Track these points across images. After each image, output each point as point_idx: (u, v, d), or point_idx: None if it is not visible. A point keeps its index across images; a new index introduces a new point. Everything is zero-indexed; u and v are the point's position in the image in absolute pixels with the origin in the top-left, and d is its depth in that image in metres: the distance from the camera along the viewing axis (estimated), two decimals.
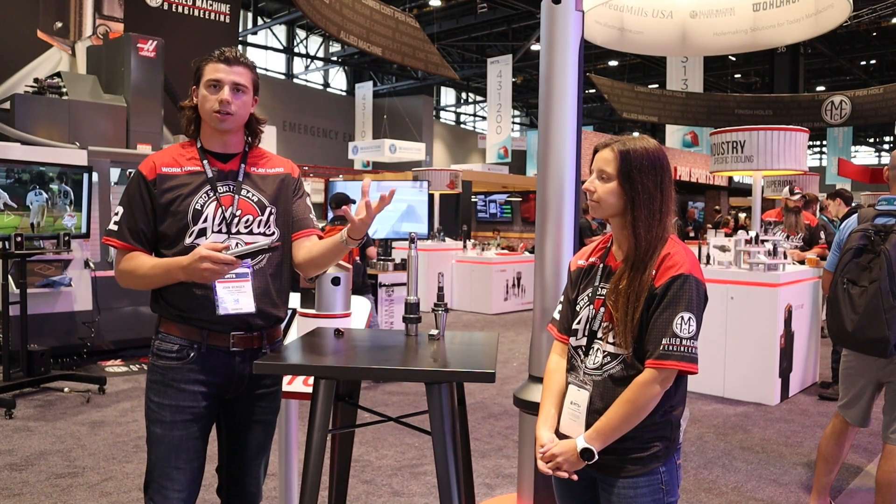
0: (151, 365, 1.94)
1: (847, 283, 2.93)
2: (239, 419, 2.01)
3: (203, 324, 1.89)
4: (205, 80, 1.90)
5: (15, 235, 5.02)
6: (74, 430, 4.32)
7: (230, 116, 1.90)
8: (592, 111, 30.66)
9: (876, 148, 39.35)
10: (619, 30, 7.61)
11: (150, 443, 1.92)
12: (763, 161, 5.62)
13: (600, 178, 1.64)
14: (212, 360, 1.91)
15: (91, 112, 6.54)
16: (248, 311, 1.89)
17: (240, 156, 2.00)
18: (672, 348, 1.52)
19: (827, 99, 16.34)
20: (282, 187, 2.02)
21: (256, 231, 1.96)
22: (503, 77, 18.75)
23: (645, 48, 8.18)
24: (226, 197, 1.93)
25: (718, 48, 8.11)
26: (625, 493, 1.60)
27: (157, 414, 1.90)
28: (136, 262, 1.89)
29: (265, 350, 1.99)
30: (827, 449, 3.14)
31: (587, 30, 7.66)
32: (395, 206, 9.81)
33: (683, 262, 1.57)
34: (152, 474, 1.91)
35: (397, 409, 4.91)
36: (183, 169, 1.93)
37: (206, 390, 1.92)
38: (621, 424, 1.55)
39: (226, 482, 2.07)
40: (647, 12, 7.62)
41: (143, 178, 1.91)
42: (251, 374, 1.95)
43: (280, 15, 23.13)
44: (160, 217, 1.90)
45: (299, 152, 22.66)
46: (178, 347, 1.89)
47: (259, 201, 1.97)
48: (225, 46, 1.98)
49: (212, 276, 1.79)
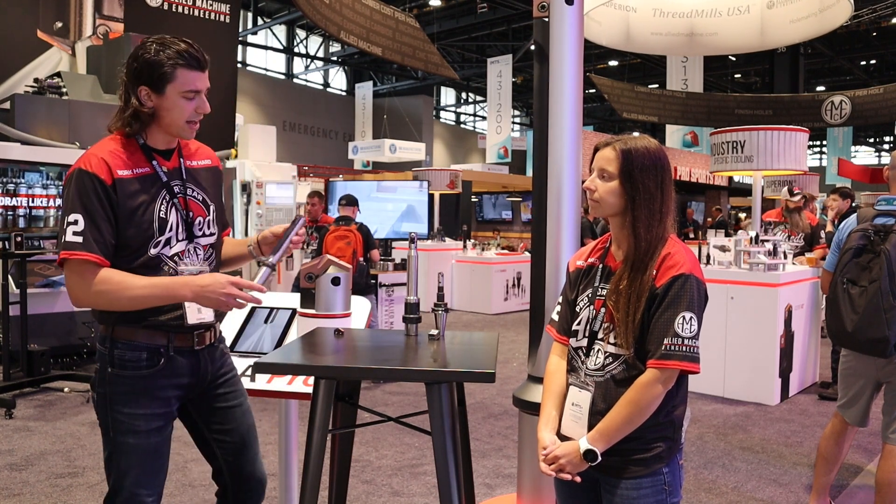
0: (113, 376, 1.79)
1: (847, 282, 2.92)
2: (212, 412, 1.97)
3: (168, 328, 1.82)
4: (180, 90, 1.76)
5: (15, 235, 5.02)
6: (74, 430, 4.32)
7: (198, 124, 1.84)
8: (592, 111, 30.65)
9: (876, 148, 39.33)
10: (690, 35, 7.62)
11: (119, 454, 1.81)
12: (763, 161, 5.62)
13: (601, 177, 1.64)
14: (180, 362, 1.85)
15: (91, 112, 6.54)
16: (209, 321, 1.90)
17: (176, 150, 1.89)
18: (674, 348, 1.52)
19: (827, 99, 16.33)
20: (215, 183, 1.98)
21: (208, 232, 1.92)
22: (503, 77, 18.74)
23: (722, 48, 8.17)
24: (180, 199, 1.85)
25: (795, 37, 8.00)
26: (628, 493, 1.59)
27: (129, 424, 1.79)
28: (118, 279, 1.71)
29: (217, 343, 1.98)
30: (826, 449, 3.14)
31: (649, 43, 7.70)
32: (395, 205, 9.85)
33: (684, 261, 1.57)
34: (122, 483, 1.82)
35: (397, 409, 4.91)
36: (133, 171, 1.77)
37: (178, 393, 1.88)
38: (624, 425, 1.54)
39: (230, 480, 2.01)
40: (722, 12, 7.59)
41: (101, 182, 1.70)
42: (212, 368, 1.95)
43: (280, 15, 23.13)
44: (122, 226, 1.75)
45: (299, 152, 22.67)
46: (147, 355, 1.80)
47: (203, 199, 1.92)
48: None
49: (230, 304, 1.72)
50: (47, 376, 5.17)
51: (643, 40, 7.87)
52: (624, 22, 7.68)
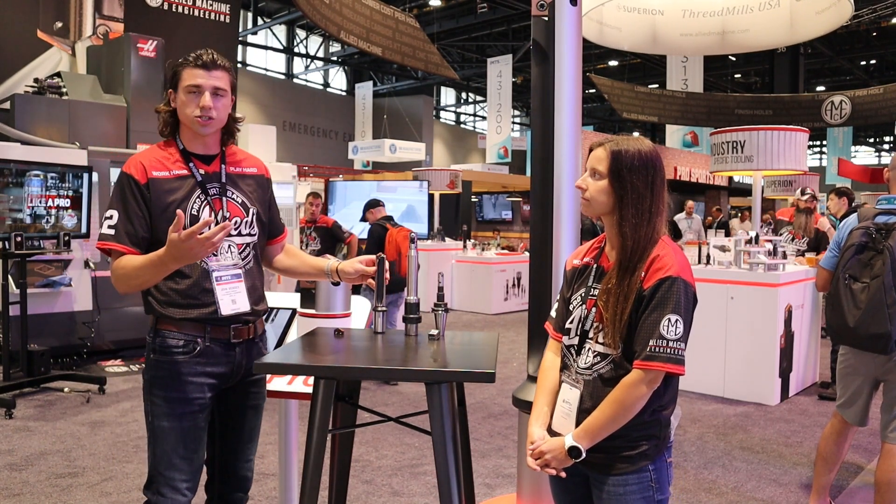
0: (154, 361, 1.95)
1: (849, 278, 2.94)
2: (234, 406, 2.07)
3: (204, 321, 1.94)
4: (184, 86, 1.91)
5: (15, 235, 5.02)
6: (74, 430, 4.32)
7: (212, 121, 1.93)
8: (592, 111, 30.66)
9: (876, 148, 39.34)
10: (721, 34, 7.63)
11: (156, 437, 1.94)
12: (763, 161, 5.63)
13: (592, 175, 1.66)
14: (216, 352, 1.96)
15: (91, 112, 6.54)
16: (244, 311, 1.99)
17: (219, 156, 2.03)
18: (659, 350, 1.53)
19: (827, 99, 16.34)
20: (258, 188, 2.10)
21: (244, 232, 2.03)
22: (503, 77, 18.75)
23: (753, 45, 8.18)
24: (215, 200, 1.98)
25: (821, 29, 8.01)
26: (614, 490, 1.61)
27: (165, 408, 1.92)
28: (125, 262, 1.86)
29: (257, 340, 2.08)
30: (826, 449, 3.14)
31: (678, 44, 7.68)
32: (395, 206, 9.85)
33: (672, 264, 1.58)
34: (158, 468, 1.93)
35: (397, 409, 4.91)
36: (171, 172, 1.94)
37: (212, 381, 1.97)
38: (609, 424, 1.56)
39: (218, 472, 2.10)
40: (753, 8, 7.60)
41: (135, 181, 1.89)
42: (248, 363, 2.03)
43: (280, 15, 23.12)
44: (156, 221, 1.90)
45: (299, 152, 22.66)
46: (185, 342, 1.92)
47: (243, 202, 2.04)
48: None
49: (203, 251, 1.74)
50: (47, 376, 5.17)
51: (672, 42, 7.89)
52: (649, 26, 7.69)
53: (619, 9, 7.39)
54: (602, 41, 8.16)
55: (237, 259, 2.00)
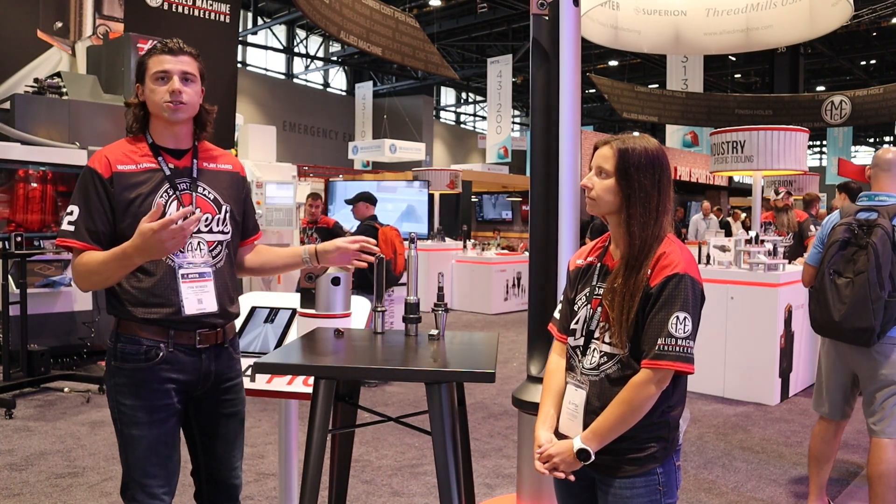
0: (115, 368, 1.87)
1: (833, 274, 3.00)
2: (208, 415, 1.99)
3: (167, 324, 1.85)
4: (151, 73, 1.86)
5: (15, 235, 5.02)
6: (74, 430, 4.32)
7: (183, 105, 1.86)
8: (592, 111, 30.64)
9: (876, 148, 39.29)
10: (745, 31, 7.64)
11: (126, 445, 1.87)
12: (763, 161, 5.63)
13: (598, 174, 1.64)
14: (180, 359, 1.88)
15: (91, 112, 6.54)
16: (211, 311, 1.89)
17: (191, 151, 1.96)
18: (668, 348, 1.51)
19: (827, 99, 16.34)
20: (232, 185, 2.02)
21: (216, 229, 1.95)
22: (503, 77, 18.75)
23: (775, 41, 8.21)
24: (185, 195, 1.90)
25: (838, 20, 8.00)
26: (621, 493, 1.59)
27: (131, 416, 1.85)
28: (87, 258, 1.80)
29: (227, 345, 1.99)
30: (817, 449, 3.19)
31: (702, 44, 7.62)
32: (395, 205, 9.84)
33: (679, 261, 1.56)
34: (131, 475, 1.87)
35: (397, 409, 4.91)
36: (138, 166, 1.87)
37: (178, 387, 1.89)
38: (617, 425, 1.54)
39: (205, 481, 2.04)
40: (777, 3, 7.61)
41: (98, 176, 1.83)
42: (217, 369, 1.95)
43: (280, 15, 23.12)
44: (119, 217, 1.83)
45: (299, 152, 22.66)
46: (146, 348, 1.84)
47: (215, 199, 1.96)
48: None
49: (174, 244, 1.70)
50: (47, 376, 5.17)
51: (696, 42, 7.89)
52: (671, 27, 7.69)
53: (638, 12, 7.38)
54: (618, 45, 8.12)
55: (207, 257, 1.92)
